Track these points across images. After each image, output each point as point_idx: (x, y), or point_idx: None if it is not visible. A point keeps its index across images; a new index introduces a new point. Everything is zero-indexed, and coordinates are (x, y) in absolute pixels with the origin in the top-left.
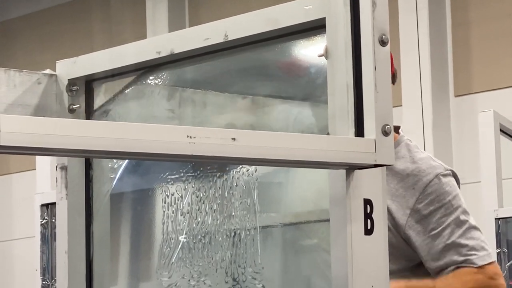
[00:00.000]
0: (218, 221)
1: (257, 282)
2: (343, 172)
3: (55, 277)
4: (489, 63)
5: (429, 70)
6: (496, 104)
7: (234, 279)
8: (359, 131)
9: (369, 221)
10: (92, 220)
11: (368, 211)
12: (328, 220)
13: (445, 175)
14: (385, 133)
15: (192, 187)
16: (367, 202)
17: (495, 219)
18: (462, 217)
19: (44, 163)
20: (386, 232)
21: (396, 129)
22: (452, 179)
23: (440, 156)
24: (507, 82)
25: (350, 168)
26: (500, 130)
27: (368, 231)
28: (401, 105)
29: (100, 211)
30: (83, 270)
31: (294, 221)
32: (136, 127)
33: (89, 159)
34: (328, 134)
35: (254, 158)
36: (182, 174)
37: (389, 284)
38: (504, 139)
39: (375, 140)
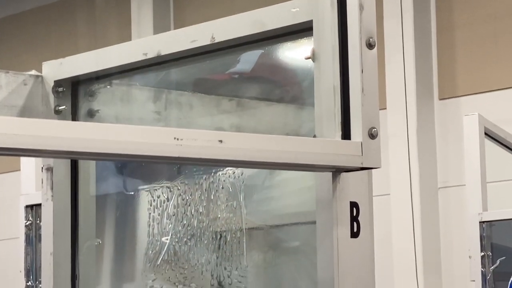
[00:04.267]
0: (204, 224)
1: (242, 285)
2: (329, 174)
3: (40, 278)
4: (474, 67)
5: (413, 73)
6: (480, 107)
7: (219, 283)
8: (346, 134)
9: (355, 224)
10: (77, 222)
11: (355, 214)
12: (314, 222)
13: None
14: (372, 136)
15: (178, 189)
16: (354, 205)
17: (480, 222)
18: None
19: (29, 164)
20: (372, 235)
21: None
22: None
23: (425, 160)
24: (492, 85)
25: (337, 171)
26: (485, 133)
27: (354, 234)
28: (385, 108)
29: (85, 213)
30: (68, 272)
31: (280, 223)
32: (123, 129)
33: (75, 161)
34: (314, 136)
35: (240, 160)
36: (168, 176)
37: (375, 286)
38: (488, 142)
39: (361, 143)
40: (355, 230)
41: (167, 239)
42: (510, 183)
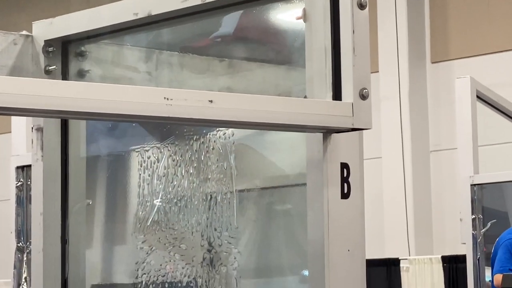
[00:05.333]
0: (194, 185)
1: (232, 246)
2: (320, 135)
3: (30, 239)
4: (466, 30)
5: (406, 36)
6: (473, 71)
7: (209, 243)
8: (337, 95)
9: (345, 185)
10: (67, 182)
11: (345, 175)
12: (304, 184)
13: None
14: (363, 97)
15: (168, 150)
16: (344, 166)
17: (471, 185)
18: None
19: (19, 125)
20: (362, 196)
21: None
22: None
23: (417, 123)
24: (484, 49)
25: (327, 132)
26: (477, 96)
27: (345, 195)
28: (377, 72)
29: (76, 173)
30: (58, 232)
31: (271, 185)
32: (113, 89)
33: (65, 121)
34: (305, 97)
35: (231, 120)
36: (158, 137)
37: (364, 247)
38: (480, 106)
39: (352, 103)
40: (345, 191)
41: (157, 200)
42: (502, 146)
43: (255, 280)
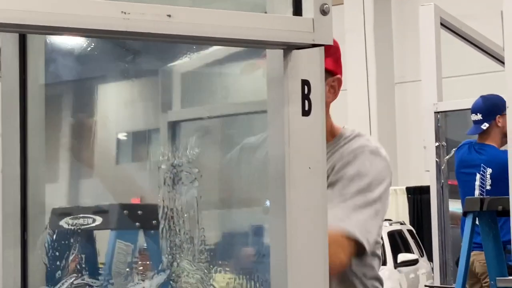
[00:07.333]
0: (157, 112)
1: (192, 165)
2: (280, 53)
3: None
4: None
5: None
6: (437, 2)
7: (172, 164)
8: (297, 10)
9: (306, 102)
10: (26, 103)
11: (306, 92)
12: (265, 112)
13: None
14: (324, 12)
15: (129, 79)
16: (305, 83)
17: (435, 112)
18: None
19: None
20: (323, 114)
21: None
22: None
23: (381, 56)
24: None
25: (288, 48)
26: (441, 24)
27: (306, 112)
28: (342, 4)
29: (35, 95)
30: (17, 153)
31: (230, 112)
32: (69, 2)
33: (24, 43)
34: (265, 13)
35: (189, 35)
36: (118, 66)
37: (325, 165)
38: (443, 38)
39: (313, 19)
40: (306, 108)
41: (119, 129)
42: (465, 78)
43: (216, 199)
